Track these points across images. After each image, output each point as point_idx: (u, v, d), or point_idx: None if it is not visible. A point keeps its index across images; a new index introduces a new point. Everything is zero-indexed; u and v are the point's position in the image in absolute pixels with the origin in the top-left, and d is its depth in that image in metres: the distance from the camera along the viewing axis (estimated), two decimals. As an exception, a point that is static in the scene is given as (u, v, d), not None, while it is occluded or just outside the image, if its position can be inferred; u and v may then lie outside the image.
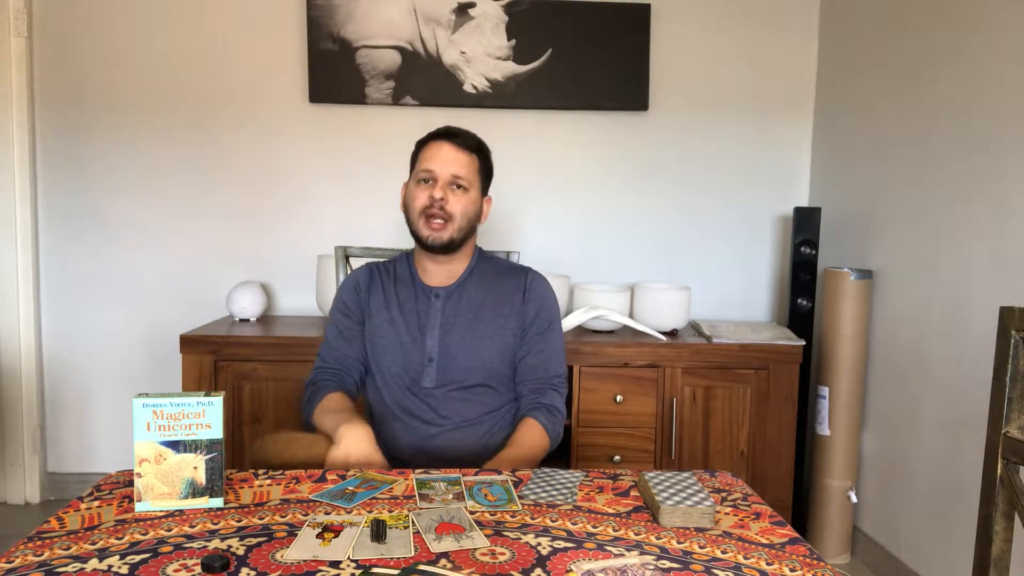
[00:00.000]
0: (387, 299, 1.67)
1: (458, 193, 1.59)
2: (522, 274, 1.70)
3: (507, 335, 1.64)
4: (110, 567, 0.93)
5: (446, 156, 1.58)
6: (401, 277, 1.69)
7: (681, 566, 0.96)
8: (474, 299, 1.64)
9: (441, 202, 1.56)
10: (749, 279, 3.04)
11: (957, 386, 2.12)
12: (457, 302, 1.64)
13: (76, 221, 2.88)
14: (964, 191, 2.11)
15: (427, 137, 1.65)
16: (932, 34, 2.26)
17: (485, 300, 1.64)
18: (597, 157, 2.95)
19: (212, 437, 1.12)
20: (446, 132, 1.63)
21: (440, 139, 1.61)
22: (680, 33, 2.91)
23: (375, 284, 1.70)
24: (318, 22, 2.78)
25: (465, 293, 1.65)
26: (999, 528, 1.18)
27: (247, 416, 2.46)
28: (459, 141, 1.61)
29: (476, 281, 1.67)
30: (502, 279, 1.68)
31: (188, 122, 2.86)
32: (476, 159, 1.62)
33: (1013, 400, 1.16)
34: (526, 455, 1.53)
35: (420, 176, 1.59)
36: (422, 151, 1.62)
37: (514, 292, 1.66)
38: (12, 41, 2.74)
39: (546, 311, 1.68)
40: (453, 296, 1.64)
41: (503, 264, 1.74)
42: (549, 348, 1.67)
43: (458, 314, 1.63)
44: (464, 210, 1.59)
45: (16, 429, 2.88)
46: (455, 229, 1.58)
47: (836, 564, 2.53)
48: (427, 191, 1.58)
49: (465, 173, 1.59)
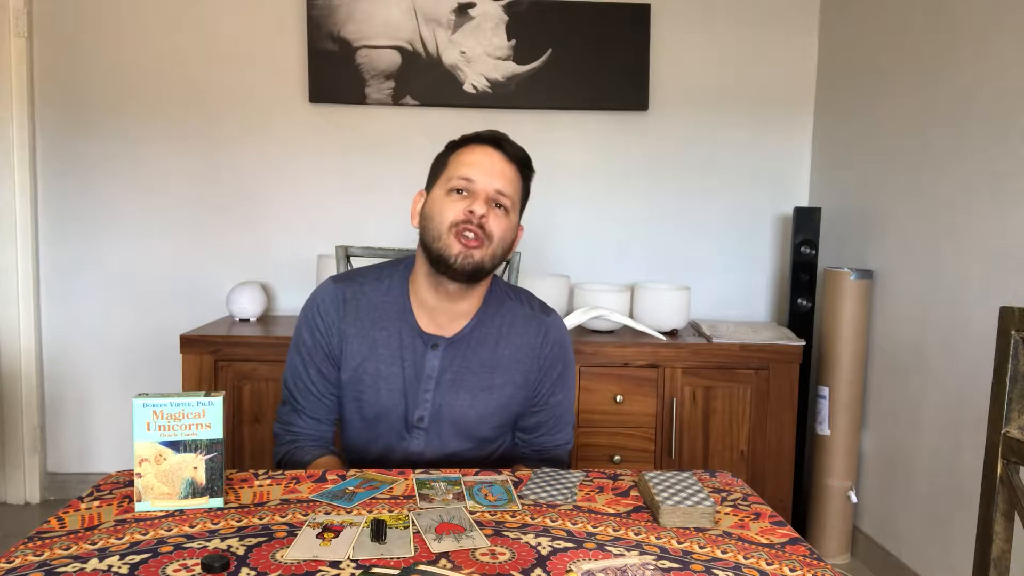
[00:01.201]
0: (368, 343, 1.35)
1: (499, 213, 1.28)
2: (539, 328, 1.40)
3: (512, 405, 1.39)
4: (110, 567, 0.93)
5: (492, 166, 1.29)
6: (388, 313, 1.36)
7: (681, 566, 0.96)
8: (479, 356, 1.36)
9: (482, 219, 1.25)
10: (749, 279, 3.04)
11: (957, 386, 2.12)
12: (460, 357, 1.35)
13: (76, 221, 2.88)
14: (964, 191, 2.11)
15: (469, 138, 1.34)
16: (932, 34, 2.26)
17: (492, 360, 1.37)
18: (597, 157, 2.95)
19: (212, 437, 1.12)
20: (493, 138, 1.32)
21: (487, 144, 1.31)
22: (680, 33, 2.91)
23: (350, 322, 1.36)
24: (318, 22, 2.78)
25: (470, 347, 1.36)
26: (999, 528, 1.18)
27: (247, 416, 2.46)
28: (508, 151, 1.31)
29: (484, 333, 1.37)
30: (515, 334, 1.39)
31: (188, 122, 2.86)
32: (520, 178, 1.34)
33: (1013, 400, 1.16)
34: None
35: (455, 184, 1.27)
36: (459, 154, 1.32)
37: (528, 355, 1.39)
38: (12, 41, 2.74)
39: (563, 375, 1.43)
40: (455, 348, 1.36)
41: (518, 310, 1.41)
42: (559, 413, 1.44)
43: (459, 371, 1.35)
44: (503, 235, 1.29)
45: (16, 429, 2.88)
46: (490, 254, 1.28)
47: (836, 564, 2.53)
48: (463, 203, 1.26)
49: (511, 191, 1.30)
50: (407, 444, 1.38)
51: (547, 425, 1.45)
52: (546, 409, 1.44)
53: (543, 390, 1.42)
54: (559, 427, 1.46)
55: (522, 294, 1.46)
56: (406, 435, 1.38)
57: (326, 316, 1.37)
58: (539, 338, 1.40)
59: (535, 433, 1.45)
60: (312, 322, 1.38)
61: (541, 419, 1.45)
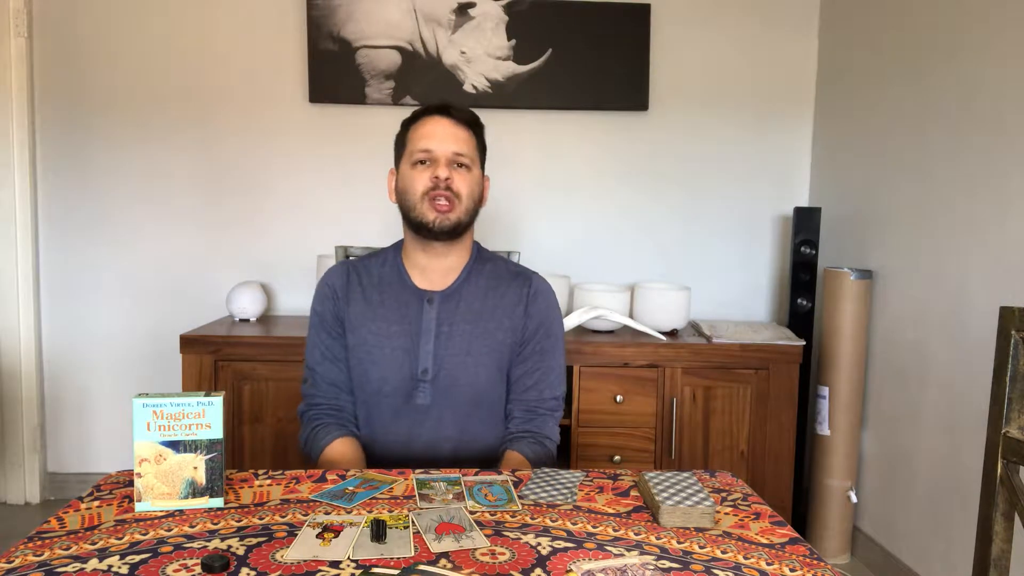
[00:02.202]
0: (370, 306, 1.48)
1: (461, 172, 1.43)
2: (525, 282, 1.53)
3: (504, 351, 1.48)
4: (110, 567, 0.93)
5: (445, 132, 1.43)
6: (386, 278, 1.51)
7: (681, 566, 0.96)
8: (471, 306, 1.48)
9: (447, 181, 1.41)
10: (749, 279, 3.04)
11: (957, 386, 2.12)
12: (453, 308, 1.47)
13: (76, 221, 2.88)
14: (964, 191, 2.11)
15: (419, 113, 1.48)
16: (932, 34, 2.27)
17: (483, 309, 1.48)
18: (597, 157, 2.95)
19: (212, 437, 1.12)
20: (441, 107, 1.46)
21: (435, 114, 1.45)
22: (680, 33, 2.91)
23: (354, 289, 1.51)
24: (318, 22, 2.78)
25: (462, 299, 1.48)
26: (999, 528, 1.18)
27: (247, 416, 2.46)
28: (456, 115, 1.45)
29: (474, 285, 1.50)
30: (502, 285, 1.51)
31: (188, 122, 2.86)
32: (473, 134, 1.48)
33: (1013, 400, 1.16)
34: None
35: (417, 157, 1.43)
36: (414, 129, 1.46)
37: (515, 302, 1.50)
38: (12, 41, 2.74)
39: (548, 326, 1.52)
40: (448, 301, 1.48)
41: (503, 267, 1.56)
42: (546, 367, 1.51)
43: (453, 323, 1.46)
44: (470, 190, 1.44)
45: (16, 429, 2.88)
46: (463, 210, 1.43)
47: (836, 564, 2.53)
48: (428, 172, 1.42)
49: (466, 150, 1.44)
50: (415, 400, 1.45)
51: (534, 376, 1.51)
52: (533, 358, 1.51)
53: (528, 335, 1.51)
54: (546, 383, 1.52)
55: (508, 260, 1.62)
56: (412, 392, 1.46)
57: (334, 285, 1.52)
58: (524, 288, 1.52)
59: (523, 387, 1.51)
60: (322, 292, 1.53)
61: (528, 368, 1.51)
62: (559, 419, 1.54)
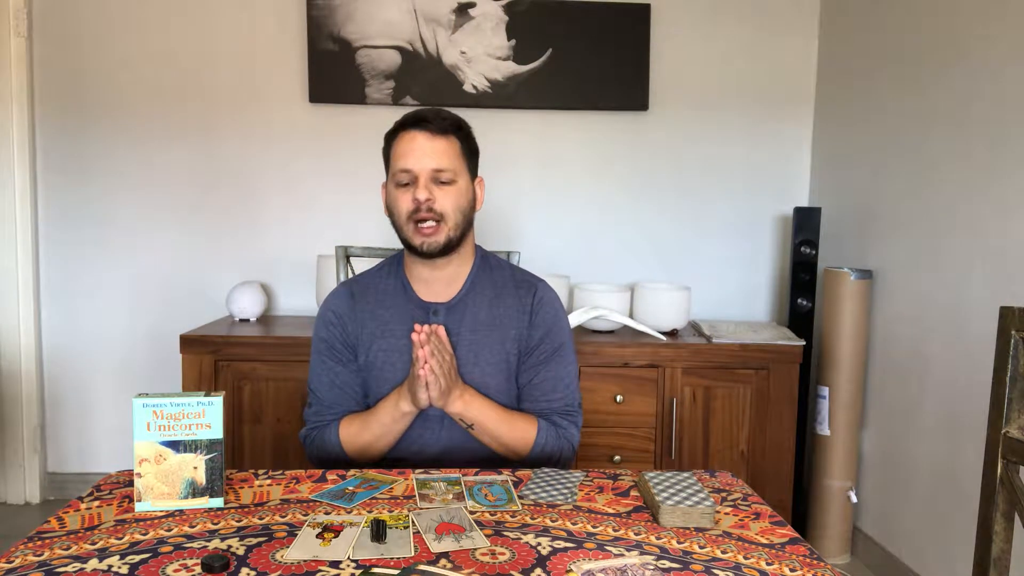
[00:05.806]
0: (380, 323, 1.46)
1: (444, 188, 1.37)
2: (530, 290, 1.50)
3: (511, 360, 1.46)
4: (110, 567, 0.93)
5: (422, 148, 1.36)
6: (391, 292, 1.48)
7: (681, 566, 0.96)
8: (477, 316, 1.46)
9: (428, 203, 1.36)
10: (749, 279, 3.04)
11: (957, 386, 2.12)
12: (459, 319, 1.45)
13: (76, 221, 2.88)
14: (964, 191, 2.11)
15: (395, 127, 1.42)
16: (932, 34, 2.26)
17: (489, 319, 1.46)
18: (597, 157, 2.95)
19: (212, 437, 1.12)
20: (415, 119, 1.39)
21: (410, 128, 1.39)
22: (680, 33, 2.91)
23: (362, 309, 1.47)
24: (318, 22, 2.78)
25: (467, 309, 1.46)
26: (999, 528, 1.18)
27: (247, 416, 2.46)
28: (432, 127, 1.38)
29: (479, 295, 1.47)
30: (507, 294, 1.49)
31: (188, 122, 2.86)
32: (456, 141, 1.40)
33: (1013, 400, 1.16)
34: (499, 429, 1.40)
35: (398, 179, 1.38)
36: (394, 146, 1.40)
37: (520, 312, 1.47)
38: (12, 41, 2.74)
39: (554, 334, 1.49)
40: (454, 312, 1.45)
41: (508, 274, 1.52)
42: (555, 376, 1.47)
43: (460, 333, 1.44)
44: (456, 204, 1.38)
45: (16, 429, 2.88)
46: (450, 228, 1.38)
47: (836, 564, 2.53)
48: (409, 193, 1.37)
49: (447, 163, 1.37)
50: (426, 411, 1.40)
51: (542, 387, 1.47)
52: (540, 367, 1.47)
53: (534, 344, 1.47)
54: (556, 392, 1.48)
55: (514, 266, 1.59)
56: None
57: (337, 310, 1.49)
58: (530, 297, 1.49)
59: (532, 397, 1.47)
60: (325, 319, 1.49)
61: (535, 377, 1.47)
62: (578, 425, 1.50)
